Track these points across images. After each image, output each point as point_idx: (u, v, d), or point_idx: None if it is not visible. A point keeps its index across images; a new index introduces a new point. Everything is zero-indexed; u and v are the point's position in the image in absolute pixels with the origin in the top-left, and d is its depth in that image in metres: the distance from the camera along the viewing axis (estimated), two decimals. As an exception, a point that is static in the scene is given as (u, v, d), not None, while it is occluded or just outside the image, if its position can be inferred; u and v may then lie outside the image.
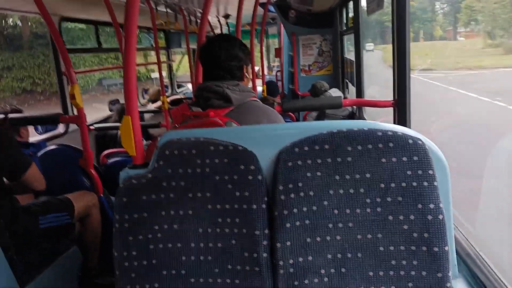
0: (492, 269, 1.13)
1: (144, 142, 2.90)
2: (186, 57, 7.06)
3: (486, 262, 1.17)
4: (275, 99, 3.74)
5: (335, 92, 3.87)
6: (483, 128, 5.41)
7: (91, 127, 3.28)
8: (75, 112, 2.25)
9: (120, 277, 1.10)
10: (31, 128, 2.49)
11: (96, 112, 7.13)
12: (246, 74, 1.51)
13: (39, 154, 2.29)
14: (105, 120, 4.04)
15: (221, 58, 1.42)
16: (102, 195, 2.25)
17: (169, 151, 1.09)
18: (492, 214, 1.73)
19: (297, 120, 4.18)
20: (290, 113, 3.77)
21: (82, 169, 2.26)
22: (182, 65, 7.58)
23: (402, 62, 1.62)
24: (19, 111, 2.37)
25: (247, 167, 1.04)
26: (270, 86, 4.51)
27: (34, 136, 2.72)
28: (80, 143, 2.26)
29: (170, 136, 1.12)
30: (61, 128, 3.24)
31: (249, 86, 1.55)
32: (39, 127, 2.80)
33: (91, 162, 2.24)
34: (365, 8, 2.52)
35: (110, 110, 4.24)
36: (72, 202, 2.00)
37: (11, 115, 2.19)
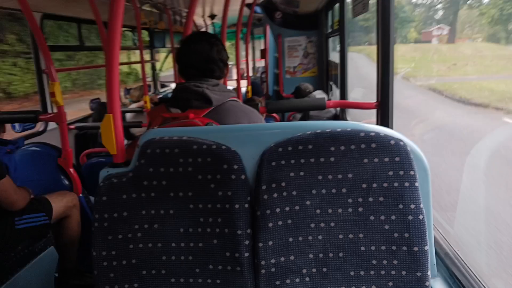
0: (469, 268, 1.16)
1: (125, 141, 2.85)
2: (170, 55, 7.00)
3: (463, 261, 1.19)
4: (261, 100, 3.74)
5: (319, 94, 3.90)
6: None
7: (71, 126, 3.22)
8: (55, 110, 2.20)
9: (98, 277, 1.08)
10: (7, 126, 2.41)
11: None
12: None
13: (17, 152, 2.23)
14: (84, 119, 3.96)
15: (213, 54, 1.40)
16: (81, 195, 2.20)
17: (151, 150, 1.07)
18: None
19: (281, 121, 4.19)
20: (274, 114, 3.77)
21: (61, 169, 2.21)
22: (166, 62, 7.52)
23: (385, 64, 1.64)
24: None
25: (230, 166, 1.04)
26: (254, 87, 4.52)
27: (11, 135, 2.64)
28: (59, 141, 2.21)
29: (152, 135, 1.11)
30: (39, 126, 3.16)
31: (231, 87, 1.54)
32: (16, 125, 2.72)
33: (70, 161, 2.19)
34: (351, 11, 2.55)
35: (91, 109, 4.16)
36: (50, 203, 1.94)
37: None
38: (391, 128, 1.64)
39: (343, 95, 3.12)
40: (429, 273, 1.00)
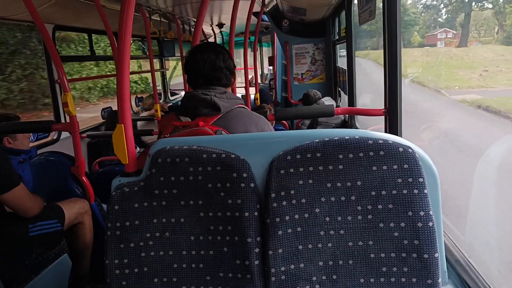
0: (480, 275, 1.15)
1: (137, 149, 2.89)
2: (179, 64, 7.07)
3: (475, 268, 1.18)
4: (270, 107, 3.75)
5: (328, 101, 3.91)
6: None
7: (83, 135, 3.27)
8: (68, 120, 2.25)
9: (111, 284, 1.10)
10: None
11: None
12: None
13: (31, 161, 2.27)
14: (97, 127, 4.02)
15: (219, 62, 1.44)
16: (94, 202, 2.23)
17: (161, 159, 1.09)
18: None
19: (290, 128, 4.20)
20: (283, 121, 3.78)
21: (74, 177, 2.25)
22: (175, 71, 7.59)
23: (393, 71, 1.64)
24: (14, 118, 2.35)
25: (239, 175, 1.05)
26: (262, 95, 4.52)
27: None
28: (72, 150, 2.25)
29: (163, 144, 1.13)
30: (52, 135, 3.22)
31: (240, 94, 1.55)
32: (31, 134, 2.78)
33: (83, 170, 2.23)
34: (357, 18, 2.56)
35: (103, 118, 4.23)
36: (62, 209, 1.98)
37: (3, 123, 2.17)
38: (400, 135, 1.64)
39: (351, 101, 3.12)
40: (439, 280, 1.00)
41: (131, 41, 1.30)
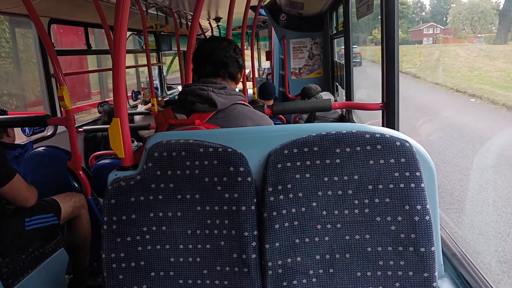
0: (477, 269, 1.15)
1: (135, 143, 2.88)
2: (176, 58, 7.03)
3: (471, 261, 1.19)
4: (265, 102, 3.71)
5: (326, 95, 3.90)
6: None
7: (80, 129, 3.25)
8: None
9: (108, 278, 1.10)
10: (17, 130, 2.45)
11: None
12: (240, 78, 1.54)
13: (27, 155, 2.26)
14: (94, 122, 4.00)
15: (230, 51, 1.44)
16: (90, 197, 2.23)
17: (158, 153, 1.09)
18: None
19: (288, 122, 4.19)
20: (280, 115, 3.77)
21: (71, 171, 2.24)
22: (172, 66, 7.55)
23: (390, 65, 1.63)
24: (3, 113, 2.33)
25: (236, 168, 1.05)
26: (267, 88, 4.36)
27: (21, 138, 2.69)
28: (68, 145, 2.24)
29: (159, 138, 1.12)
30: (49, 130, 3.21)
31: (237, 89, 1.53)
32: (26, 128, 2.76)
33: (79, 164, 2.22)
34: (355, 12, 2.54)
35: (99, 112, 4.20)
36: (58, 203, 1.97)
37: None
38: (397, 129, 1.64)
39: (349, 96, 3.12)
40: (436, 273, 1.01)
41: (127, 35, 1.29)
